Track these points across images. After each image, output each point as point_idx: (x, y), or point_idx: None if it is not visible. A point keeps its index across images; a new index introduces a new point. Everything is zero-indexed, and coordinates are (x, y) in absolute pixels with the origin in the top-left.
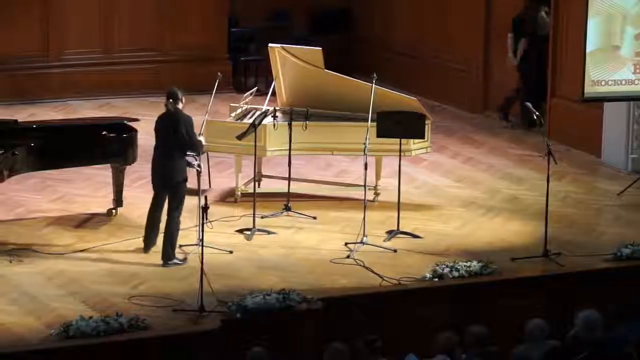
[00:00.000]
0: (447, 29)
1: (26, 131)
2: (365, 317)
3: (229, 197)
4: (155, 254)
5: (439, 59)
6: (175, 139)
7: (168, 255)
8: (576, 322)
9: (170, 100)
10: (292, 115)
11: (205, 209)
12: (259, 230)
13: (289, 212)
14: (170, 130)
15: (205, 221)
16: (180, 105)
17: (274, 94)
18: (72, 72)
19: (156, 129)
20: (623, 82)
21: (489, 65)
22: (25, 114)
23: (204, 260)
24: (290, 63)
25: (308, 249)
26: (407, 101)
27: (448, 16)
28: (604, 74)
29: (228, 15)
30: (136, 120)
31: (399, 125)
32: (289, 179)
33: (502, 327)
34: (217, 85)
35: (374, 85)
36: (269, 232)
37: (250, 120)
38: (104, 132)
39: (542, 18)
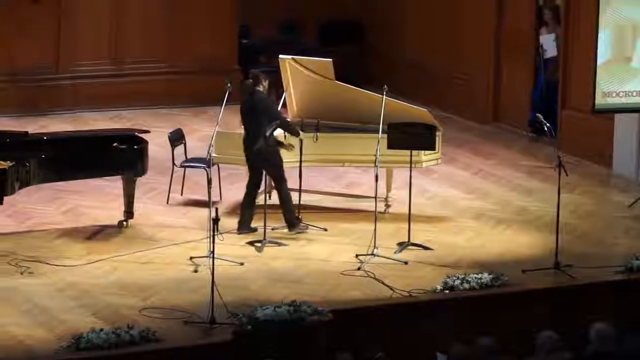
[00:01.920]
0: (458, 40)
1: (37, 143)
2: (376, 328)
3: (239, 209)
4: (167, 265)
5: (449, 70)
6: (257, 122)
7: (292, 222)
8: (590, 334)
9: (251, 81)
10: (303, 126)
11: (216, 220)
12: (269, 242)
13: (300, 223)
14: (251, 113)
15: (216, 233)
16: (260, 88)
17: (284, 105)
18: (82, 83)
19: (241, 112)
20: (634, 94)
21: (499, 76)
22: (36, 125)
23: (215, 272)
24: (301, 74)
25: (319, 260)
26: (418, 112)
27: (458, 27)
28: (614, 86)
29: (238, 26)
30: (147, 131)
31: (409, 137)
32: (300, 190)
33: (513, 339)
34: (228, 94)
35: (384, 96)
36: (279, 244)
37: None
38: (115, 144)
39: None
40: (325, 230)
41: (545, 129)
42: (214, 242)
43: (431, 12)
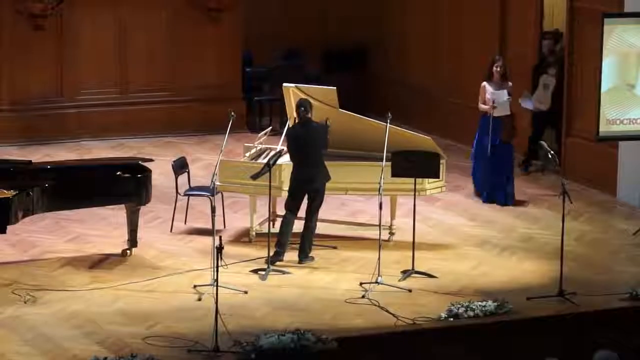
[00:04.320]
0: (462, 66)
1: (40, 172)
2: (380, 357)
3: (243, 237)
4: (171, 293)
5: (453, 97)
6: (318, 147)
7: (305, 251)
8: None
9: (302, 108)
10: None
11: (219, 249)
12: (273, 270)
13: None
14: (314, 138)
15: (221, 263)
16: (309, 115)
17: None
18: (86, 112)
19: (296, 138)
20: (638, 121)
21: None
22: (39, 154)
23: (219, 300)
24: None
25: (323, 288)
26: (422, 140)
27: (462, 54)
28: (619, 113)
29: (242, 54)
30: (150, 160)
31: (413, 165)
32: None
33: None
34: (231, 124)
35: (388, 124)
36: (283, 272)
37: (265, 160)
38: (118, 173)
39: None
40: (335, 247)
41: (550, 156)
42: (217, 270)
43: (434, 39)
